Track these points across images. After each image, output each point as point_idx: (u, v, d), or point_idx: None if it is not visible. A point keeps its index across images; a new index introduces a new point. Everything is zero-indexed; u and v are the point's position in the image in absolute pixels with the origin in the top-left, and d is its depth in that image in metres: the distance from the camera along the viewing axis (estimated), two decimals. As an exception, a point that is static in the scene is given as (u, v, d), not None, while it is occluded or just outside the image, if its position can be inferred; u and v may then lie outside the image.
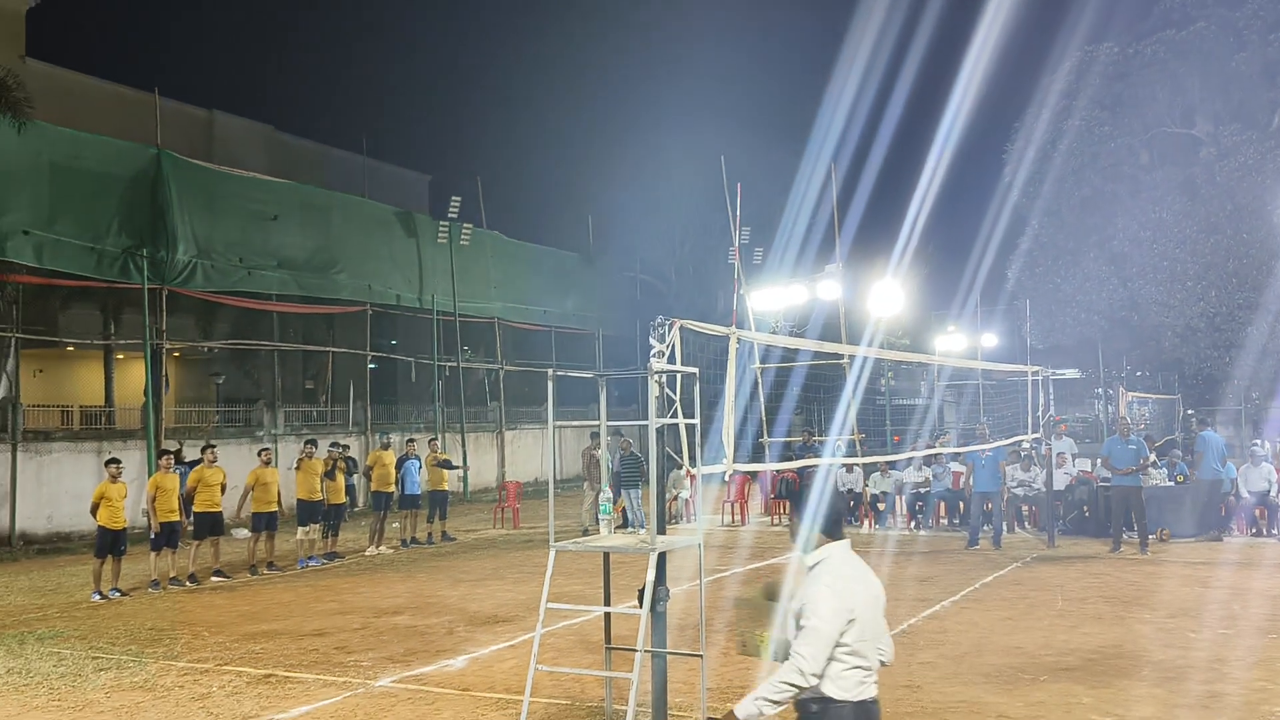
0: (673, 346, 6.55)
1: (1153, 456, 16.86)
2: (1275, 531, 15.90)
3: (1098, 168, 32.65)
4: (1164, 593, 11.64)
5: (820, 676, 3.90)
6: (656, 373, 6.29)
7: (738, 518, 20.13)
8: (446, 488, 18.53)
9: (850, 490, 19.63)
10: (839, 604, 3.92)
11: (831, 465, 18.53)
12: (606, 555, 6.80)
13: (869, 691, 3.98)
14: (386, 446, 17.94)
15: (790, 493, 20.00)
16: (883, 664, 4.14)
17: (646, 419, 6.25)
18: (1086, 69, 32.70)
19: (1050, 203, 33.34)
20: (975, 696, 7.56)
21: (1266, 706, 7.13)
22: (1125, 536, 15.17)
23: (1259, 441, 17.88)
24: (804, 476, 19.28)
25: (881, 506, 19.13)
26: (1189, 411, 28.23)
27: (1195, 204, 30.52)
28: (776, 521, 19.98)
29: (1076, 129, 32.53)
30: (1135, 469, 15.00)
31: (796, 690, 3.89)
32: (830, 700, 3.92)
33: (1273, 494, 16.19)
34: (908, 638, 9.63)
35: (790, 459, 19.36)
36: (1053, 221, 33.55)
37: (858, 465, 19.12)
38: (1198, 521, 16.14)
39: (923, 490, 18.65)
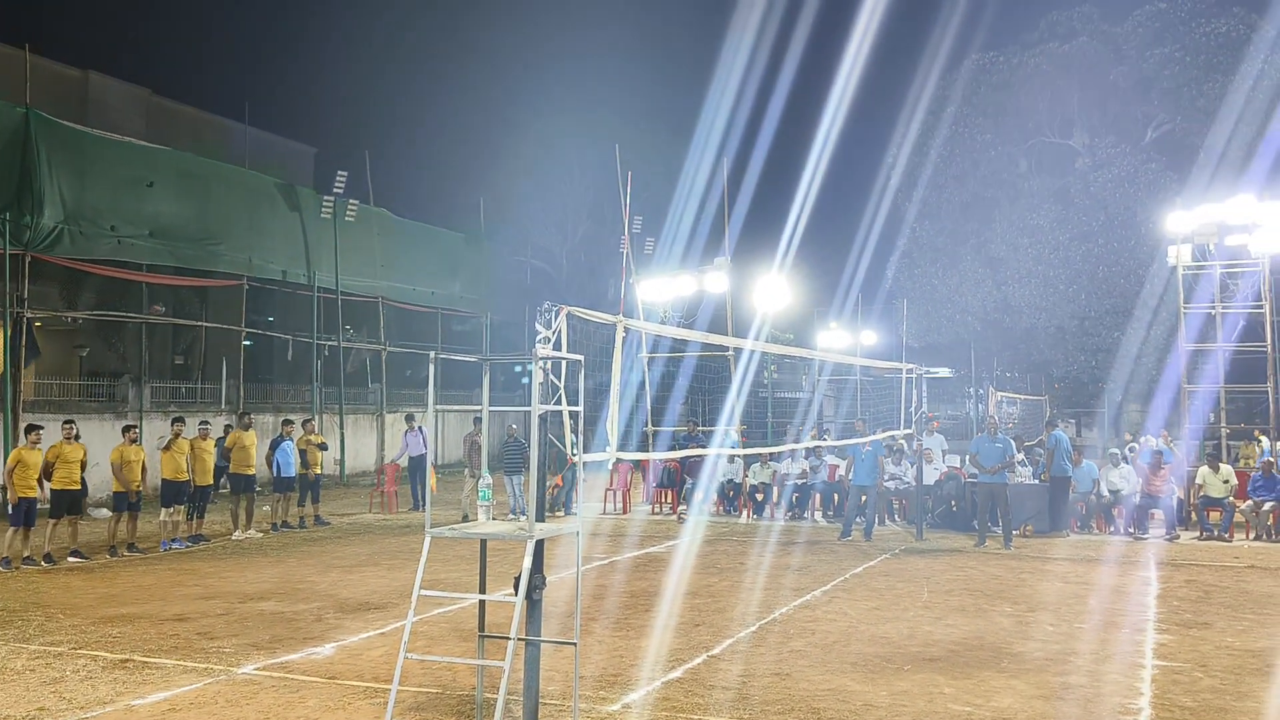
0: (559, 333, 6.49)
1: (1020, 455, 17.47)
2: (1132, 530, 16.62)
3: (978, 174, 33.67)
4: (1025, 587, 12.07)
5: None
6: (541, 359, 6.22)
7: (620, 506, 20.18)
8: (320, 470, 18.12)
9: (730, 481, 19.88)
10: None
11: (714, 456, 18.74)
12: (484, 542, 6.71)
13: None
14: (247, 427, 17.26)
15: (673, 481, 20.16)
16: None
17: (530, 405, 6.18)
18: (970, 76, 33.70)
19: (929, 205, 34.32)
20: (842, 685, 7.71)
21: (1118, 699, 7.44)
22: (990, 531, 15.70)
23: (1118, 447, 18.71)
24: (686, 466, 19.47)
25: (760, 497, 19.39)
26: (1052, 412, 29.37)
27: (1070, 212, 31.72)
28: (659, 510, 20.10)
29: (959, 134, 33.53)
30: (1001, 466, 15.53)
31: None
32: None
33: (1126, 493, 16.93)
34: (780, 626, 9.78)
35: (675, 449, 19.50)
36: (931, 223, 34.52)
37: (739, 456, 19.37)
38: (1051, 518, 16.82)
39: (801, 482, 18.97)
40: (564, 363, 6.51)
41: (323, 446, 18.21)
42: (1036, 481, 17.53)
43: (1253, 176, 26.50)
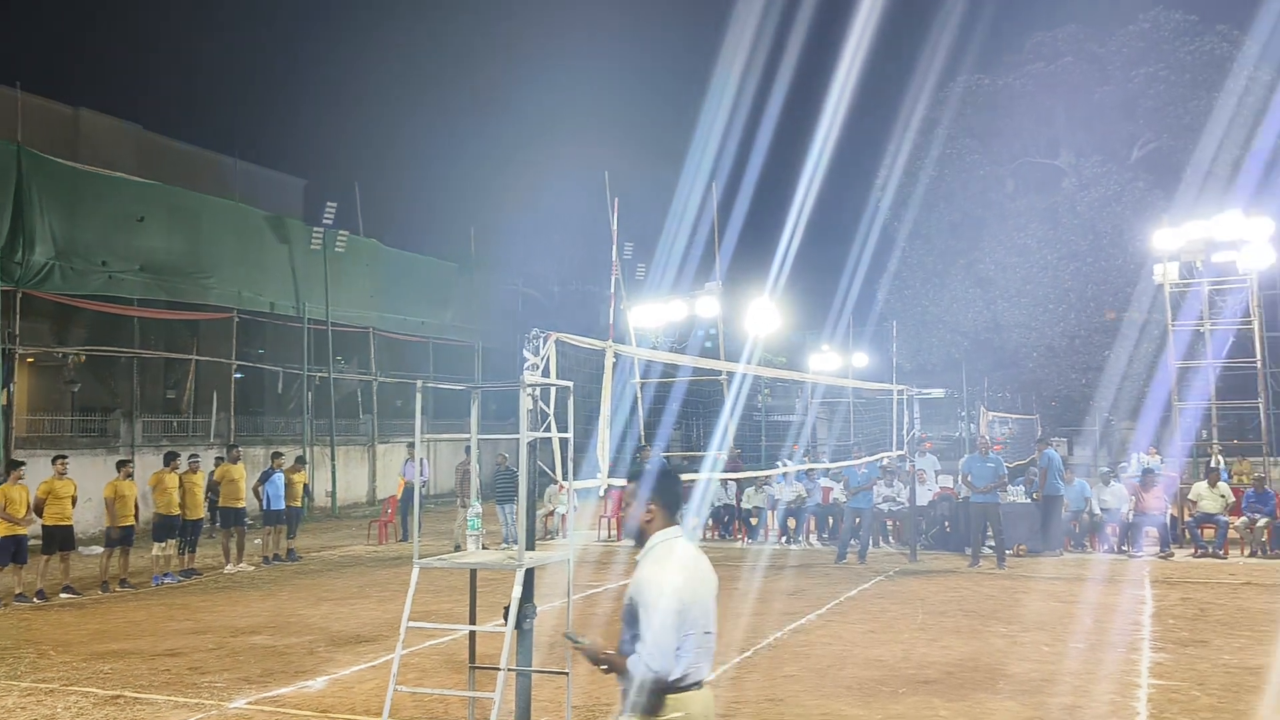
0: (547, 359, 6.49)
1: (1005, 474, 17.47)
2: (1125, 548, 16.60)
3: (967, 194, 33.80)
4: (1020, 607, 12.04)
5: None
6: (529, 385, 6.22)
7: (613, 533, 20.11)
8: (299, 504, 18.00)
9: (725, 505, 19.83)
10: None
11: (709, 480, 18.70)
12: (474, 572, 6.68)
13: None
14: (236, 460, 17.20)
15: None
16: None
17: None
18: (957, 97, 33.88)
19: (919, 225, 34.40)
20: (837, 710, 7.68)
21: (1115, 718, 7.41)
22: (984, 551, 15.67)
23: (1108, 465, 18.72)
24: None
25: (754, 521, 19.35)
26: (1044, 431, 29.38)
27: (1057, 231, 31.84)
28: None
29: (947, 155, 33.66)
30: (993, 486, 15.53)
31: None
32: None
33: (1124, 512, 16.92)
34: (774, 651, 9.74)
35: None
36: (922, 244, 34.61)
37: (732, 480, 19.34)
38: (1044, 537, 16.80)
39: (795, 506, 18.93)
40: (553, 389, 6.50)
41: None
42: (1029, 501, 17.53)
43: (1239, 193, 26.59)
